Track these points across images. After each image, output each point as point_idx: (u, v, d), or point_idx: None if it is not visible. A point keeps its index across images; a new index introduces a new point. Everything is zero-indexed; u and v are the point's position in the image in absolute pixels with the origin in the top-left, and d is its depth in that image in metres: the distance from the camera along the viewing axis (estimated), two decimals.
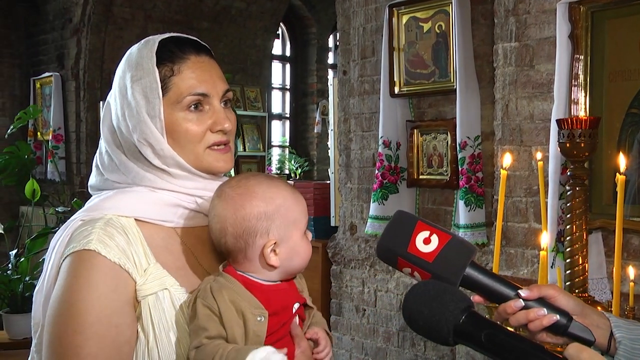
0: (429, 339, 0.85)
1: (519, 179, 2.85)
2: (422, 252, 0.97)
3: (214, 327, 1.06)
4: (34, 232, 3.93)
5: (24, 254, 3.62)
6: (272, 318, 1.10)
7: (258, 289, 1.12)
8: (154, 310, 1.12)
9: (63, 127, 5.98)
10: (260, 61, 7.28)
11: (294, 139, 9.05)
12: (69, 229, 1.20)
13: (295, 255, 1.16)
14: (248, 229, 1.12)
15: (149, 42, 1.23)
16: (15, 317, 3.30)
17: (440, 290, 0.85)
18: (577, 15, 2.57)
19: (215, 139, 1.23)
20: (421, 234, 0.98)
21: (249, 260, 1.14)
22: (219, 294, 1.08)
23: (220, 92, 1.24)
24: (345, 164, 3.89)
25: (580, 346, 0.75)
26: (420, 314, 0.84)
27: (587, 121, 1.98)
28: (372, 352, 3.69)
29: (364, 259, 3.73)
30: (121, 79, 1.23)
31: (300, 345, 1.15)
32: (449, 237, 0.98)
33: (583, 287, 2.02)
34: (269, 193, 1.14)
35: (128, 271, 1.13)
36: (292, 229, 1.15)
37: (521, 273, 2.85)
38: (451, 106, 3.28)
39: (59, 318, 1.10)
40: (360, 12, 3.76)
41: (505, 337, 0.79)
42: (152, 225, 1.20)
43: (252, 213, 1.12)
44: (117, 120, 1.22)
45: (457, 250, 0.97)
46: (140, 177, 1.21)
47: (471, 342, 0.81)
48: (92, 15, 5.75)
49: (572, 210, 2.01)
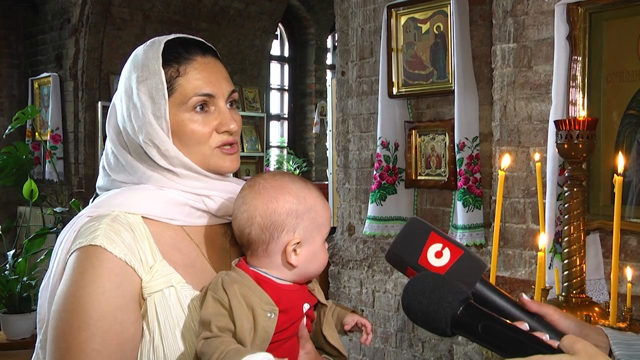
0: (427, 329, 0.86)
1: (517, 179, 2.85)
2: (433, 265, 0.97)
3: (222, 320, 1.06)
4: (32, 233, 3.92)
5: (21, 254, 3.61)
6: (282, 315, 1.10)
7: (270, 286, 1.12)
8: (160, 308, 1.12)
9: (61, 127, 5.97)
10: (258, 62, 7.28)
11: (292, 139, 9.06)
12: (76, 224, 1.20)
13: (314, 260, 1.16)
14: (276, 223, 1.12)
15: (155, 43, 1.23)
16: (13, 317, 3.30)
17: (439, 281, 0.86)
18: (575, 17, 2.57)
19: (222, 140, 1.23)
20: (433, 246, 0.98)
21: (268, 256, 1.14)
22: (230, 288, 1.08)
23: (226, 93, 1.24)
24: (343, 165, 3.90)
25: (574, 337, 0.76)
26: (420, 304, 0.85)
27: (585, 122, 1.98)
28: (370, 353, 3.69)
29: (362, 259, 3.73)
30: (127, 79, 1.23)
31: (305, 347, 1.16)
32: (461, 252, 0.98)
33: (581, 288, 2.02)
34: (302, 193, 1.15)
35: (134, 268, 1.13)
36: (317, 232, 1.16)
37: (519, 274, 2.85)
38: (449, 107, 3.28)
39: (63, 314, 1.10)
40: (359, 12, 3.77)
41: (502, 328, 0.81)
42: (160, 223, 1.20)
43: (284, 207, 1.13)
44: (122, 121, 1.23)
45: (468, 266, 0.97)
46: (146, 177, 1.22)
47: (468, 332, 0.82)
48: (91, 15, 5.74)
49: (570, 211, 2.02)
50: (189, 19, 6.41)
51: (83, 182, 5.89)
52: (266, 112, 7.46)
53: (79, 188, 5.88)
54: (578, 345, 0.74)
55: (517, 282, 2.84)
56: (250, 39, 7.05)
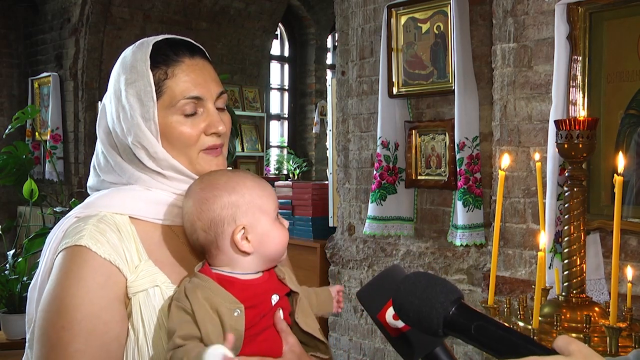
0: (419, 330, 0.85)
1: (517, 179, 2.85)
2: (389, 324, 0.96)
3: (187, 327, 1.05)
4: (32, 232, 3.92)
5: (21, 254, 3.61)
6: (250, 311, 1.09)
7: (232, 284, 1.12)
8: (145, 307, 1.13)
9: (61, 127, 5.97)
10: (258, 61, 7.28)
11: (292, 139, 9.05)
12: (64, 225, 1.22)
13: (268, 241, 1.15)
14: (214, 219, 1.13)
15: (143, 45, 1.23)
16: (13, 317, 3.29)
17: (431, 281, 0.85)
18: (575, 17, 2.57)
19: (209, 142, 1.23)
20: (392, 308, 0.93)
21: (222, 252, 1.14)
22: (192, 294, 1.08)
23: (214, 95, 1.24)
24: (343, 165, 3.89)
25: (569, 338, 0.75)
26: (411, 304, 0.84)
27: (586, 122, 1.98)
28: (370, 353, 3.69)
29: (362, 259, 3.73)
30: (116, 81, 1.23)
31: (288, 342, 1.15)
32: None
33: (581, 288, 2.02)
34: (230, 183, 1.16)
35: (119, 267, 1.13)
36: (259, 213, 1.15)
37: (519, 274, 2.85)
38: (449, 107, 3.28)
39: (48, 313, 1.11)
40: (359, 12, 3.76)
41: (495, 328, 0.80)
42: (147, 223, 1.21)
43: (216, 203, 1.14)
44: (112, 122, 1.23)
45: (421, 336, 0.92)
46: (135, 178, 1.22)
47: (461, 333, 0.81)
48: (91, 15, 5.74)
49: (570, 211, 2.01)
50: (189, 18, 6.41)
51: (83, 182, 5.89)
52: (266, 112, 7.46)
53: (79, 188, 5.88)
54: (573, 346, 0.74)
55: (517, 282, 2.84)
56: (250, 39, 7.05)
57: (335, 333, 3.87)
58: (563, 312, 1.97)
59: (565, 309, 1.99)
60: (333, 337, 3.88)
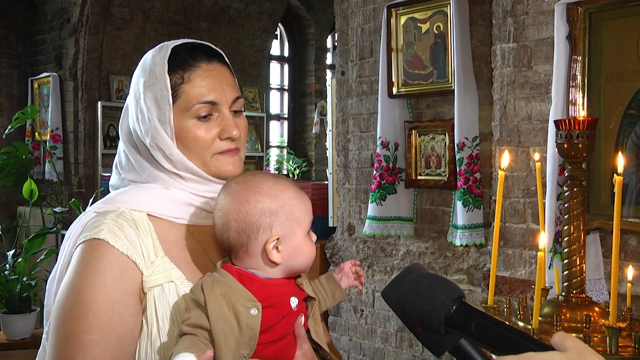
0: (422, 327, 0.86)
1: (517, 179, 2.85)
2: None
3: (195, 316, 1.06)
4: (32, 233, 3.93)
5: (21, 254, 3.61)
6: (268, 311, 1.09)
7: (252, 281, 1.12)
8: (159, 302, 1.14)
9: (61, 127, 5.97)
10: (258, 62, 7.28)
11: (292, 139, 9.05)
12: (83, 219, 1.24)
13: (297, 254, 1.16)
14: (251, 224, 1.13)
15: (162, 49, 1.26)
16: (13, 317, 3.30)
17: (432, 280, 0.87)
18: (575, 17, 2.57)
19: (224, 146, 1.25)
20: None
21: (250, 257, 1.14)
22: (210, 289, 1.08)
23: (230, 100, 1.25)
24: (343, 165, 3.90)
25: (565, 334, 0.77)
26: (413, 303, 0.85)
27: (585, 122, 1.98)
28: (370, 353, 3.69)
29: (362, 259, 3.73)
30: (136, 84, 1.27)
31: (302, 347, 1.16)
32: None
33: (581, 288, 2.02)
34: (274, 190, 1.15)
35: (135, 262, 1.15)
36: (296, 227, 1.15)
37: (519, 274, 2.85)
38: (449, 107, 3.28)
39: (65, 304, 1.13)
40: (359, 12, 3.77)
41: (495, 326, 0.81)
42: (164, 220, 1.23)
43: (256, 208, 1.13)
44: (132, 122, 1.27)
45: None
46: (154, 177, 1.25)
47: (462, 331, 0.83)
48: (90, 15, 5.74)
49: (570, 211, 2.01)
50: (189, 18, 6.41)
51: (83, 182, 5.89)
52: (266, 112, 7.46)
53: (78, 188, 5.88)
54: (569, 342, 0.76)
55: (517, 282, 2.84)
56: (250, 39, 7.05)
57: (335, 333, 3.87)
58: (563, 312, 1.97)
59: (565, 308, 1.99)
60: (333, 337, 3.88)
